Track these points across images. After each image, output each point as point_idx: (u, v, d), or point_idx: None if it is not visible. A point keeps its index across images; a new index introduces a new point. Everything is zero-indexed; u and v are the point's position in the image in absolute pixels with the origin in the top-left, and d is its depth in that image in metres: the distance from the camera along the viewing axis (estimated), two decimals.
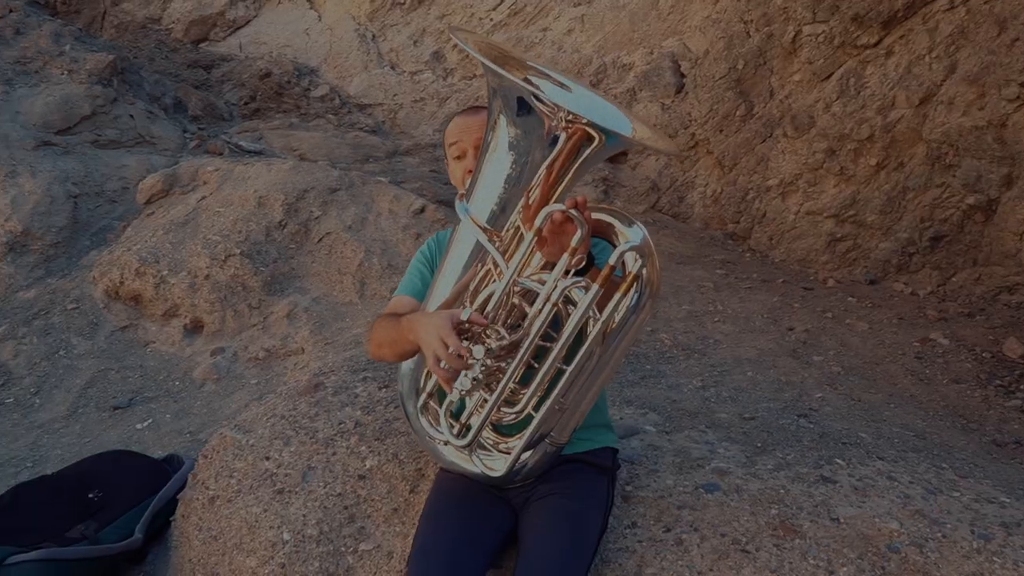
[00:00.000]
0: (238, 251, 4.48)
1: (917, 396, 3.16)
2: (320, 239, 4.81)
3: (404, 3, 7.76)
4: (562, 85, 1.73)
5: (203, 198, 4.93)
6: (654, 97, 6.46)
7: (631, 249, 1.45)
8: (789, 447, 2.18)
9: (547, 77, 1.72)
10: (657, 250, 1.51)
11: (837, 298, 4.52)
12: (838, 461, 2.08)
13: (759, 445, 2.18)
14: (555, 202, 1.48)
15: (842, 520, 1.84)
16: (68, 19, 7.64)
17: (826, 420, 2.58)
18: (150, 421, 3.48)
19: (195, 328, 4.30)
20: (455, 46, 7.64)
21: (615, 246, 1.52)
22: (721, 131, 6.02)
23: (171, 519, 2.49)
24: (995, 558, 1.74)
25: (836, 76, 5.40)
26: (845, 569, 1.71)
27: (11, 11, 6.10)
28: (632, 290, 1.47)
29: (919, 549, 1.76)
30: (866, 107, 5.23)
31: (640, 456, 2.12)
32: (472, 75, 7.61)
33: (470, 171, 1.73)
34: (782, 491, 1.93)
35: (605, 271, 1.41)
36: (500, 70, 1.41)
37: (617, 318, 1.51)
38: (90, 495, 2.58)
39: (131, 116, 5.78)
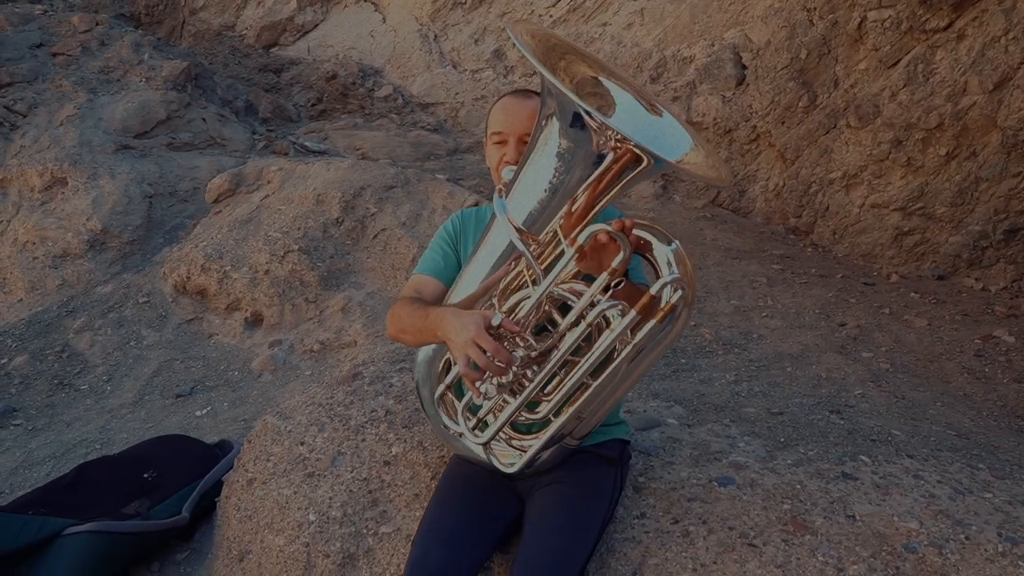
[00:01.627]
0: (296, 247, 4.65)
1: (971, 395, 3.02)
2: (375, 235, 4.94)
3: (465, 2, 7.86)
4: (632, 92, 1.66)
5: (266, 197, 5.14)
6: (715, 90, 6.33)
7: (672, 282, 1.43)
8: (813, 443, 2.13)
9: (618, 79, 1.67)
10: (713, 245, 1.50)
11: (898, 294, 4.34)
12: (863, 458, 2.03)
13: (782, 440, 2.14)
14: (596, 214, 1.48)
15: (858, 517, 1.79)
16: (151, 29, 8.08)
17: (860, 417, 2.50)
18: (209, 409, 3.66)
19: (255, 321, 4.49)
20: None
21: (649, 261, 1.52)
22: (783, 123, 5.86)
23: (216, 500, 2.62)
24: (1021, 562, 1.67)
25: (903, 63, 5.17)
26: (856, 567, 1.67)
27: (98, 24, 6.50)
28: (667, 320, 1.45)
29: (938, 550, 1.70)
30: (935, 94, 5.00)
31: (658, 448, 2.11)
32: (532, 72, 7.64)
33: (506, 160, 1.72)
34: (798, 487, 1.90)
35: (645, 300, 1.40)
36: (559, 84, 1.36)
37: (648, 339, 1.48)
38: (145, 475, 2.75)
39: (203, 120, 6.07)
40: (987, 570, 1.66)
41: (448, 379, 1.76)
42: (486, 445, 1.66)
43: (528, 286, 1.58)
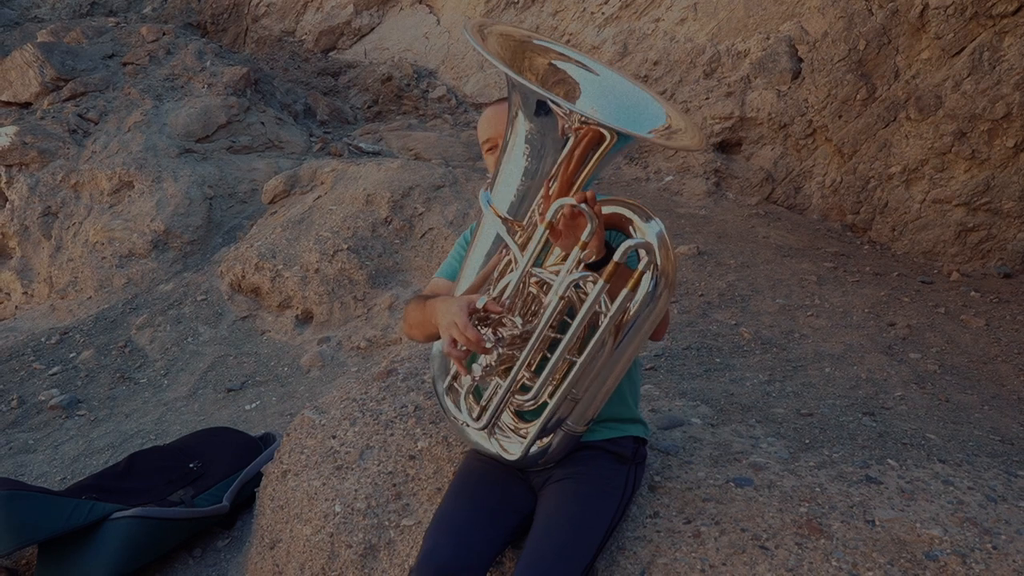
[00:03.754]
0: (346, 246, 4.76)
1: None
2: (423, 234, 5.02)
3: (518, 2, 7.89)
4: (587, 69, 1.75)
5: (318, 197, 5.28)
6: (770, 84, 6.19)
7: (638, 245, 1.46)
8: (839, 445, 2.07)
9: (571, 61, 1.75)
10: (765, 243, 1.52)
11: (957, 292, 4.16)
12: (890, 462, 1.96)
13: (807, 442, 2.09)
14: (573, 195, 1.51)
15: (878, 523, 1.74)
16: (216, 37, 8.40)
17: (894, 420, 2.41)
18: (258, 403, 3.80)
19: (305, 319, 4.62)
20: (568, 42, 7.67)
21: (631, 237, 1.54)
22: (840, 117, 5.69)
23: (256, 490, 2.72)
24: None
25: (967, 51, 4.96)
26: (871, 574, 1.62)
27: (164, 34, 6.79)
28: (643, 284, 1.48)
29: (962, 559, 1.64)
30: (1002, 83, 4.77)
31: (677, 448, 2.10)
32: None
33: None
34: (817, 489, 1.86)
35: (610, 267, 1.43)
36: (515, 75, 1.44)
37: (631, 311, 1.52)
38: (191, 465, 2.88)
39: (262, 123, 6.28)
40: None
41: (454, 370, 1.81)
42: (488, 430, 1.69)
43: (515, 270, 1.62)
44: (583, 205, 1.43)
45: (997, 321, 3.68)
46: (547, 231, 1.50)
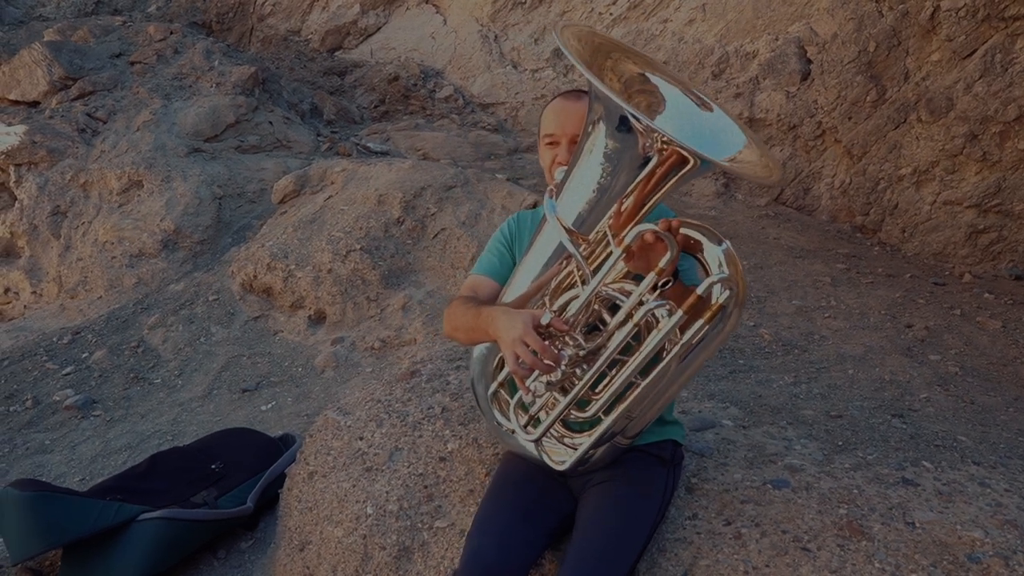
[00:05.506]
0: (358, 247, 4.75)
1: None
2: (435, 235, 5.01)
3: (525, 2, 7.89)
4: (681, 86, 1.67)
5: (329, 197, 5.27)
6: (778, 85, 6.20)
7: (720, 281, 1.42)
8: (873, 447, 2.07)
9: (664, 75, 1.67)
10: (776, 244, 1.50)
11: (971, 294, 4.17)
12: (925, 464, 1.97)
13: (840, 443, 2.09)
14: (646, 214, 1.48)
15: (918, 525, 1.74)
16: (221, 36, 8.37)
17: (924, 421, 2.41)
18: (273, 404, 3.79)
19: (318, 319, 4.61)
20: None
21: (699, 261, 1.51)
22: (850, 118, 5.70)
23: (279, 491, 2.72)
24: None
25: (979, 53, 4.97)
26: None
27: (172, 33, 6.78)
28: (719, 319, 1.45)
29: (1004, 562, 1.64)
30: (1014, 85, 4.79)
31: (711, 449, 2.10)
32: None
33: (559, 161, 1.75)
34: (855, 491, 1.86)
35: (692, 299, 1.40)
36: (604, 89, 1.38)
37: (697, 338, 1.47)
38: (213, 466, 2.87)
39: (270, 123, 6.27)
40: None
41: (501, 376, 1.79)
42: (537, 442, 1.68)
43: (578, 285, 1.59)
44: (667, 233, 1.39)
45: (1013, 323, 3.69)
46: (623, 254, 1.44)
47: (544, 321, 1.48)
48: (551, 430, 1.74)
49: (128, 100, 5.99)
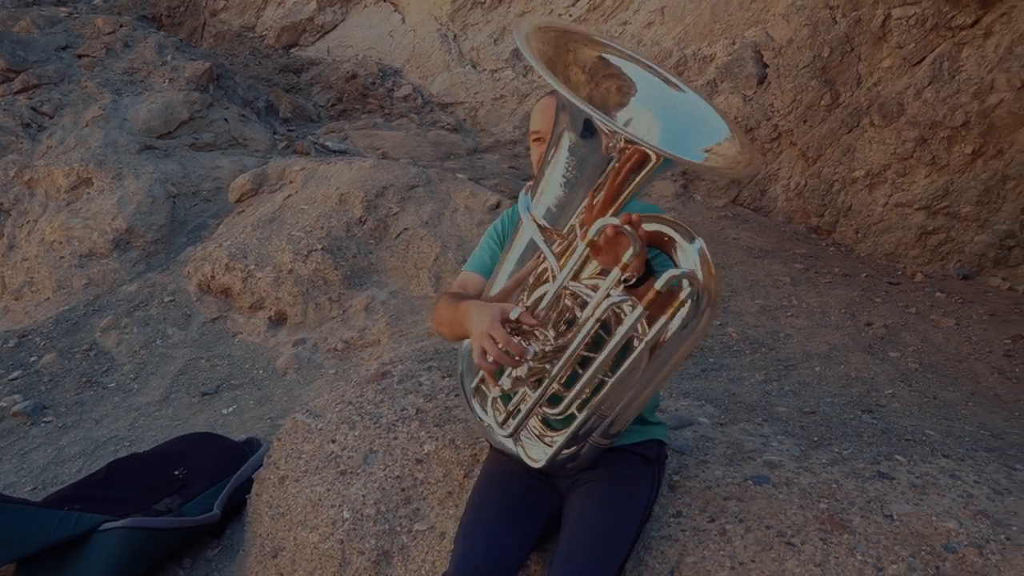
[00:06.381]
0: (320, 247, 4.67)
1: (1002, 395, 2.99)
2: (398, 235, 4.95)
3: (484, 2, 7.87)
4: (652, 70, 1.64)
5: (289, 196, 5.17)
6: (736, 88, 6.31)
7: (682, 276, 1.41)
8: (847, 442, 2.12)
9: (629, 59, 1.64)
10: (735, 245, 1.50)
11: (924, 293, 4.31)
12: (898, 457, 2.01)
13: (816, 439, 2.13)
14: (617, 210, 1.47)
15: (896, 517, 1.78)
16: (172, 31, 8.15)
17: (892, 416, 2.48)
18: (235, 407, 3.69)
19: (279, 320, 4.52)
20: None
21: (673, 259, 1.50)
22: (805, 122, 5.83)
23: (247, 497, 2.64)
24: None
25: (928, 60, 5.14)
26: (895, 567, 1.66)
27: (122, 26, 6.56)
28: (679, 314, 1.44)
29: (979, 551, 1.69)
30: (961, 92, 4.96)
31: (691, 447, 2.11)
32: None
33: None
34: (834, 486, 1.89)
35: (651, 295, 1.39)
36: (563, 89, 1.36)
37: (668, 334, 1.47)
38: (176, 472, 2.77)
39: (225, 120, 6.12)
40: None
41: (482, 373, 1.78)
42: (513, 437, 1.67)
43: (551, 280, 1.59)
44: (627, 227, 1.38)
45: (966, 321, 3.82)
46: (588, 248, 1.45)
47: (513, 315, 1.49)
48: (531, 427, 1.74)
49: (76, 94, 5.78)
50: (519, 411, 1.65)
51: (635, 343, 1.47)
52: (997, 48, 4.87)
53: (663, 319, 1.43)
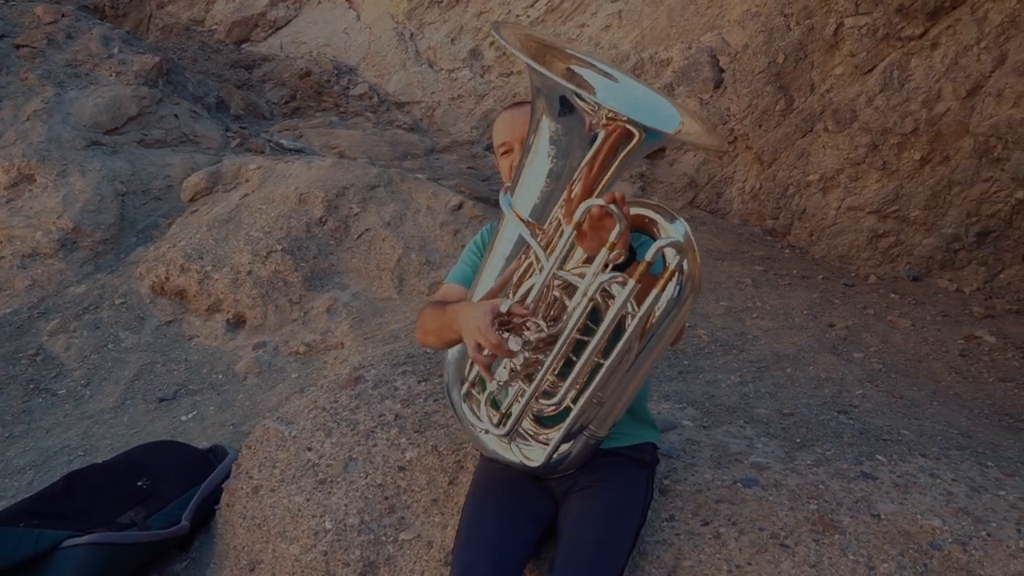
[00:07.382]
0: (279, 247, 4.56)
1: (961, 394, 3.10)
2: (359, 235, 4.87)
3: (442, 1, 7.81)
4: (607, 75, 1.75)
5: (245, 195, 5.03)
6: (692, 92, 6.40)
7: (669, 245, 1.44)
8: (829, 443, 2.15)
9: (590, 66, 1.74)
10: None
11: (879, 295, 4.44)
12: (879, 457, 2.06)
13: (798, 441, 2.16)
14: (596, 197, 1.49)
15: (883, 516, 1.82)
16: (116, 23, 7.85)
17: (867, 417, 2.54)
18: (195, 413, 3.57)
19: (238, 323, 4.39)
20: (492, 43, 7.66)
21: (655, 239, 1.52)
22: (760, 126, 5.95)
23: (215, 507, 2.55)
24: None
25: (879, 69, 5.30)
26: (886, 566, 1.69)
27: (63, 16, 6.28)
28: (670, 285, 1.47)
29: (963, 547, 1.74)
30: (910, 100, 5.13)
31: (678, 450, 2.12)
32: (509, 72, 7.63)
33: (514, 165, 1.74)
34: (821, 487, 1.92)
35: (642, 266, 1.41)
36: (543, 70, 1.43)
37: (657, 313, 1.51)
38: (139, 483, 2.66)
39: (176, 116, 5.92)
40: (1011, 566, 1.70)
41: (472, 376, 1.77)
42: (508, 436, 1.66)
43: (538, 273, 1.59)
44: (612, 206, 1.41)
45: (921, 322, 3.95)
46: (574, 233, 1.47)
47: (503, 309, 1.49)
48: (525, 427, 1.72)
49: (15, 87, 5.51)
50: (514, 409, 1.64)
51: (627, 323, 1.49)
52: (944, 59, 5.05)
53: (654, 292, 1.45)
